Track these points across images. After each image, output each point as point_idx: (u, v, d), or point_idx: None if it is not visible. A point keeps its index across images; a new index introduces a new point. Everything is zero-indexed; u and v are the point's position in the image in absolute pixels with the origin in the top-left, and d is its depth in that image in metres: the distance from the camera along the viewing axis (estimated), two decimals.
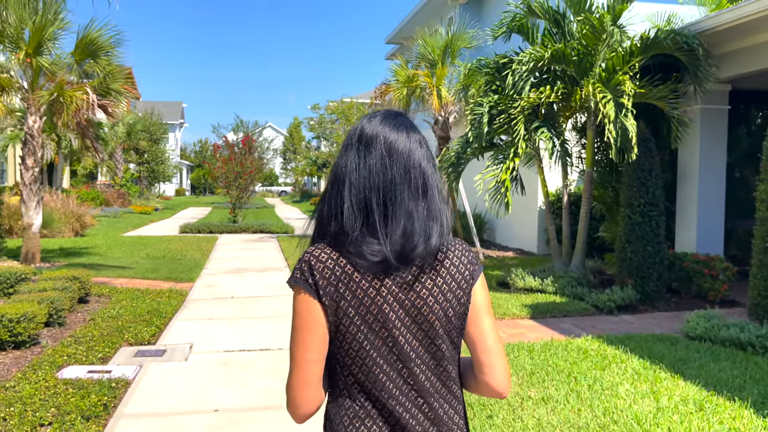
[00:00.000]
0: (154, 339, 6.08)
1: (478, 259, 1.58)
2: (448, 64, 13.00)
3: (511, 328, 6.57)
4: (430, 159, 1.42)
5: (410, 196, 1.36)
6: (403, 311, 1.35)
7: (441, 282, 1.37)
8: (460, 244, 1.44)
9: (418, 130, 1.46)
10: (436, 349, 1.37)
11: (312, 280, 1.35)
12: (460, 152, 8.80)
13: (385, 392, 1.34)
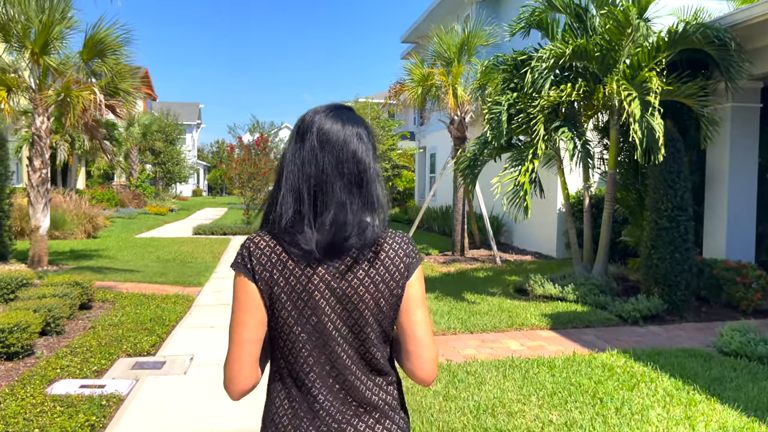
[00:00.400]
0: (154, 349, 5.81)
1: (417, 252, 1.56)
2: (464, 63, 12.64)
3: (530, 339, 6.20)
4: (368, 151, 1.44)
5: (343, 187, 1.40)
6: (334, 299, 1.39)
7: (374, 273, 1.40)
8: (399, 237, 1.46)
9: (363, 124, 1.47)
10: (365, 338, 1.41)
11: (249, 265, 1.41)
12: (477, 153, 8.44)
13: (312, 376, 1.40)
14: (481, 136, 8.53)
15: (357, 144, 1.44)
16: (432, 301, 7.96)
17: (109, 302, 7.90)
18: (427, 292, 8.60)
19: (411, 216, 21.88)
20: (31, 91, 9.99)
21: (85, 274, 9.88)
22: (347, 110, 1.50)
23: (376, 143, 1.50)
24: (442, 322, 6.77)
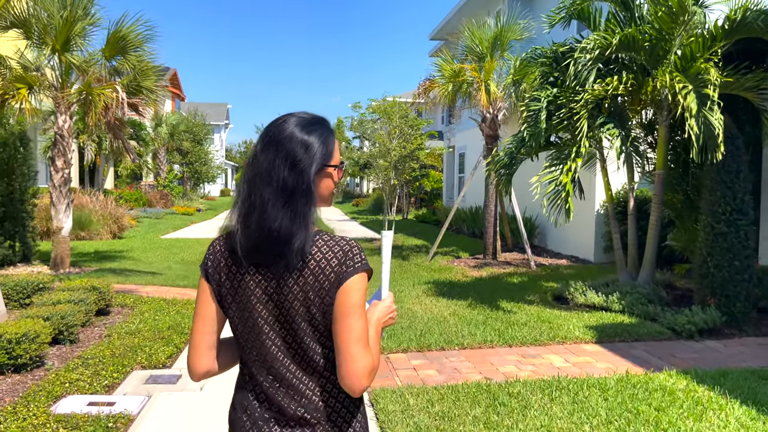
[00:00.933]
0: (171, 361, 5.45)
1: (358, 261, 1.45)
2: (497, 58, 12.11)
3: (575, 354, 5.69)
4: (310, 163, 1.46)
5: (271, 193, 1.43)
6: (271, 303, 1.47)
7: (303, 281, 1.44)
8: (334, 245, 1.47)
9: (320, 136, 1.50)
10: (300, 341, 1.48)
11: (205, 266, 1.56)
12: (513, 152, 7.93)
13: (255, 368, 1.53)
14: (517, 133, 8.02)
15: (298, 152, 1.46)
16: (465, 309, 7.48)
17: (128, 307, 7.59)
18: (459, 299, 8.12)
19: (439, 217, 21.38)
20: (54, 89, 9.78)
21: (106, 277, 9.64)
22: (312, 120, 1.53)
23: (329, 156, 1.51)
24: (478, 333, 6.29)
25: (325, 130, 1.53)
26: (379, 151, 16.18)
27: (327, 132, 1.53)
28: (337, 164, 1.56)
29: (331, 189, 1.57)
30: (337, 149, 1.57)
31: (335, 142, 1.56)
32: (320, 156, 1.49)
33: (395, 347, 5.81)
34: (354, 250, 1.48)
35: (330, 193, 1.57)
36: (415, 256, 12.87)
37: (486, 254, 12.33)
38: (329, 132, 1.54)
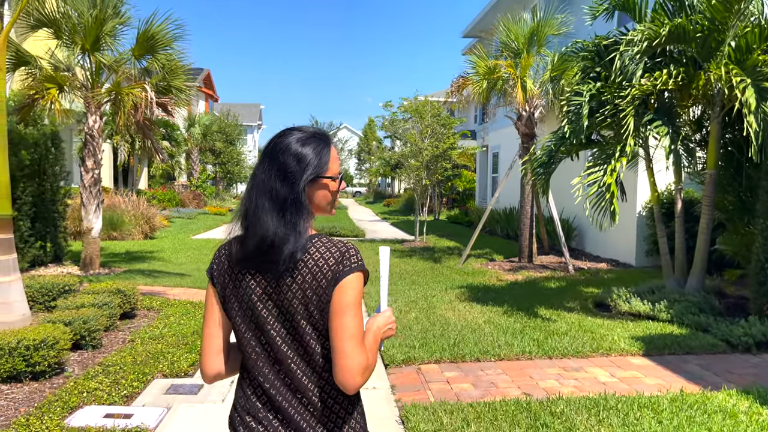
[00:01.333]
0: (193, 369, 5.23)
1: (354, 262, 1.53)
2: (534, 54, 11.69)
3: (621, 368, 5.29)
4: (291, 174, 1.55)
5: (269, 204, 1.54)
6: (271, 302, 1.56)
7: (301, 281, 1.52)
8: (332, 246, 1.55)
9: (315, 147, 1.59)
10: (300, 338, 1.55)
11: (211, 270, 1.66)
12: (552, 150, 7.53)
13: (256, 370, 1.60)
14: (557, 130, 7.62)
15: (290, 164, 1.55)
16: (501, 316, 7.12)
17: (154, 310, 7.44)
18: (495, 305, 7.77)
19: (471, 218, 20.96)
20: (84, 89, 9.73)
21: (134, 278, 9.55)
22: (309, 134, 1.61)
23: (322, 168, 1.59)
24: (515, 343, 5.92)
25: (320, 143, 1.61)
26: (411, 150, 15.86)
27: (322, 145, 1.61)
28: (331, 175, 1.62)
29: (328, 199, 1.64)
30: (334, 161, 1.64)
31: (330, 155, 1.62)
32: (313, 168, 1.57)
33: (427, 357, 5.50)
34: (351, 252, 1.55)
35: (327, 202, 1.64)
36: (447, 258, 12.52)
37: (521, 257, 11.91)
38: (324, 145, 1.61)
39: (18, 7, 6.08)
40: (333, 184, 1.64)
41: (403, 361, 5.43)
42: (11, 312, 6.07)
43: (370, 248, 14.22)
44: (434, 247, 14.68)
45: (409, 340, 6.04)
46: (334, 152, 1.66)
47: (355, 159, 54.44)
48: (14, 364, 4.53)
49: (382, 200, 40.00)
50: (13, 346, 4.54)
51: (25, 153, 9.34)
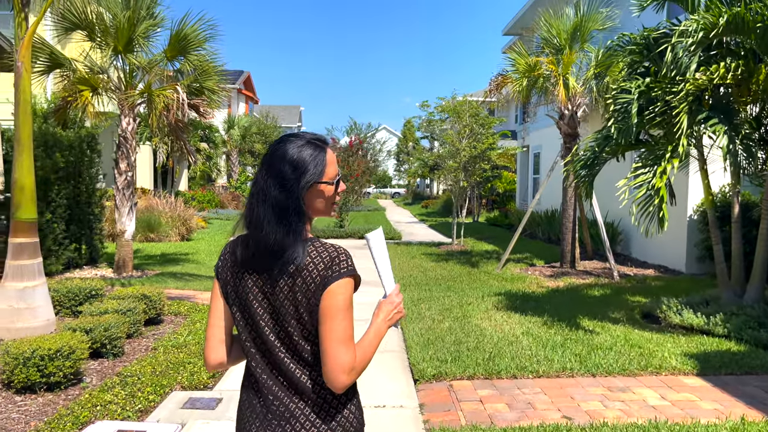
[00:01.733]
0: (213, 381, 5.01)
1: (345, 268, 1.58)
2: (577, 50, 11.17)
3: (673, 389, 4.83)
4: (288, 181, 1.62)
5: (268, 210, 1.61)
6: (266, 301, 1.64)
7: (292, 283, 1.59)
8: (323, 251, 1.61)
9: (307, 152, 1.65)
10: (290, 337, 1.63)
11: (217, 266, 1.76)
12: (596, 150, 7.06)
13: (254, 361, 1.69)
14: (601, 129, 7.15)
15: (286, 171, 1.62)
16: (540, 328, 6.70)
17: (181, 316, 7.28)
18: (534, 314, 7.35)
19: (511, 220, 20.41)
20: (118, 91, 9.69)
21: (166, 281, 9.46)
22: (305, 141, 1.67)
23: (319, 174, 1.65)
24: (555, 358, 5.51)
25: (316, 149, 1.66)
26: (448, 151, 15.47)
27: (317, 151, 1.66)
28: (327, 180, 1.67)
29: (325, 203, 1.70)
30: (330, 165, 1.68)
31: (326, 160, 1.67)
32: (309, 174, 1.63)
33: (460, 373, 5.14)
34: (341, 257, 1.61)
35: (324, 206, 1.70)
36: (485, 263, 12.10)
37: (563, 262, 11.40)
38: (319, 151, 1.66)
39: (42, 8, 5.98)
40: (329, 189, 1.69)
41: (433, 376, 5.09)
42: (36, 317, 5.99)
43: (406, 252, 13.88)
44: (472, 250, 14.26)
45: (441, 352, 5.69)
46: (331, 156, 1.70)
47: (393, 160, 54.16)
48: (28, 374, 4.38)
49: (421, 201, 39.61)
50: (28, 356, 4.39)
51: (60, 155, 9.35)
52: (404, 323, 6.92)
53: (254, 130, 30.91)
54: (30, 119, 5.99)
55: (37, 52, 8.99)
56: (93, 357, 5.38)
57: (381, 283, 1.79)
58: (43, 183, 9.16)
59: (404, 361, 5.61)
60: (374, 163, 44.82)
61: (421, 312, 7.48)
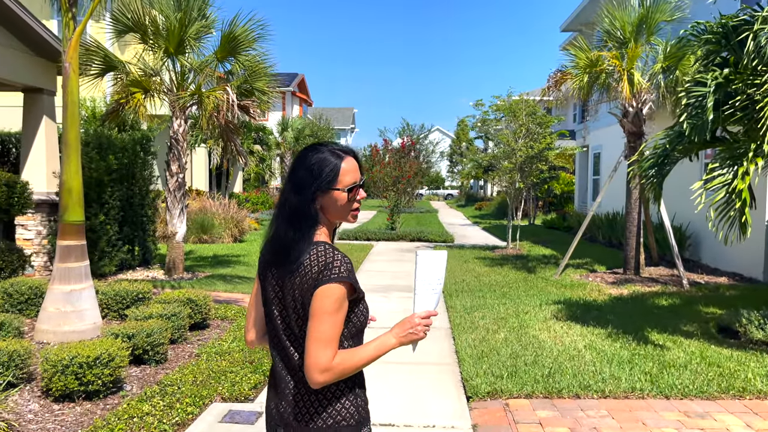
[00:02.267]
0: (255, 393, 4.78)
1: (337, 272, 1.69)
2: (643, 43, 10.52)
3: (760, 417, 4.29)
4: (303, 187, 1.78)
5: (281, 210, 1.82)
6: (276, 297, 1.82)
7: (296, 282, 1.74)
8: (321, 256, 1.73)
9: (324, 160, 1.79)
10: (292, 329, 1.79)
11: (259, 261, 1.92)
12: (667, 149, 6.51)
13: (270, 345, 1.88)
14: (672, 127, 6.59)
15: (304, 177, 1.79)
16: (604, 341, 6.21)
17: (227, 320, 7.14)
18: (597, 325, 6.85)
19: (570, 223, 19.66)
20: (170, 93, 9.69)
21: (215, 284, 9.39)
22: (326, 150, 1.82)
23: (333, 181, 1.78)
24: (623, 376, 5.04)
25: (333, 157, 1.80)
26: (503, 152, 14.96)
27: (334, 159, 1.79)
28: (341, 188, 1.78)
29: (343, 209, 1.81)
30: (346, 174, 1.79)
31: (342, 169, 1.79)
32: (321, 181, 1.77)
33: (517, 390, 4.75)
34: (335, 263, 1.71)
35: (343, 212, 1.81)
36: (542, 268, 11.56)
37: (627, 268, 10.76)
38: (337, 159, 1.79)
39: (90, 8, 5.93)
40: (342, 196, 1.79)
41: (488, 393, 4.72)
42: (83, 320, 5.93)
43: (459, 255, 13.47)
44: (528, 255, 13.71)
45: (497, 367, 5.30)
46: (348, 165, 1.80)
47: (446, 161, 53.62)
48: (66, 382, 4.25)
49: (474, 203, 38.95)
50: (66, 363, 4.27)
51: (113, 157, 9.40)
52: (456, 333, 6.55)
53: (307, 132, 31.01)
54: (77, 121, 5.94)
55: (92, 56, 9.06)
56: (135, 363, 5.26)
57: (414, 300, 1.83)
58: (96, 185, 9.23)
59: (456, 375, 5.25)
60: (427, 164, 44.43)
61: (475, 321, 7.09)
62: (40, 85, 9.28)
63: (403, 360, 5.64)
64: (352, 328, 1.78)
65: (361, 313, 1.80)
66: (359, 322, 1.80)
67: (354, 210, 1.83)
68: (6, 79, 8.74)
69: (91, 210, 9.12)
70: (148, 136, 10.94)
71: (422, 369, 5.42)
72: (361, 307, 1.80)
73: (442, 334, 6.62)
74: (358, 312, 1.79)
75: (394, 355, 2.27)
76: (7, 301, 6.50)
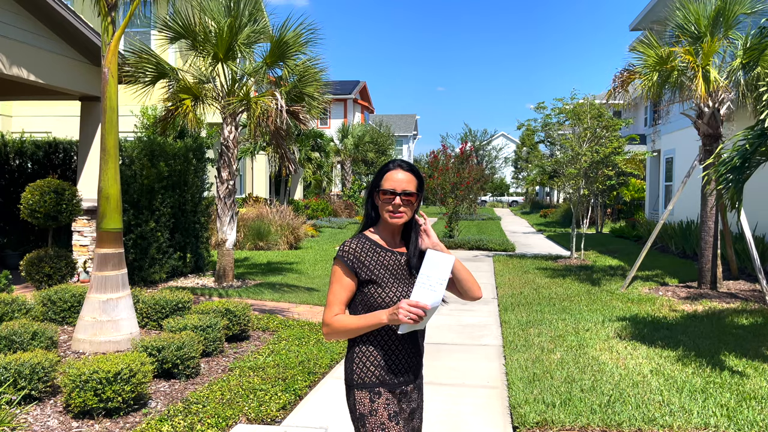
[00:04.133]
0: (282, 414, 4.47)
1: (337, 252, 2.25)
2: (720, 37, 9.68)
3: None
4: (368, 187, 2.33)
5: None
6: None
7: None
8: (346, 240, 2.32)
9: (379, 168, 2.32)
10: None
11: None
12: (748, 150, 5.81)
13: None
14: (754, 126, 5.88)
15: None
16: (674, 365, 5.57)
17: (269, 332, 6.90)
18: (666, 346, 6.20)
19: (639, 232, 18.57)
20: (219, 99, 9.64)
21: (262, 293, 9.22)
22: (387, 162, 2.33)
23: (376, 185, 2.27)
24: (695, 409, 4.43)
25: (383, 167, 2.29)
26: (567, 157, 14.22)
27: (382, 170, 2.28)
28: (378, 189, 2.25)
29: (382, 208, 2.24)
30: (386, 181, 2.23)
31: (385, 176, 2.24)
32: (372, 185, 2.29)
33: (570, 422, 4.23)
34: (342, 246, 2.24)
35: (382, 210, 2.25)
36: (607, 280, 10.81)
37: (702, 282, 9.88)
38: (383, 170, 2.28)
39: (129, 12, 5.84)
40: (379, 197, 2.24)
41: (536, 424, 4.23)
42: (118, 330, 5.81)
43: (518, 265, 12.84)
44: (593, 265, 12.92)
45: (549, 393, 4.79)
46: (392, 174, 2.23)
47: (511, 167, 52.48)
48: (85, 398, 4.07)
49: (539, 210, 37.79)
50: (86, 379, 4.09)
51: (163, 164, 9.42)
52: (508, 352, 6.05)
53: (367, 139, 30.95)
54: (115, 127, 5.85)
55: (144, 64, 9.11)
56: (165, 377, 5.07)
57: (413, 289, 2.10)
58: (147, 192, 9.26)
59: (504, 401, 4.78)
60: (490, 170, 43.51)
61: (529, 339, 6.56)
62: (96, 93, 9.40)
63: (443, 381, 5.22)
64: (366, 305, 2.21)
65: (371, 295, 2.20)
66: (369, 302, 2.20)
67: (389, 212, 2.21)
68: (64, 87, 8.90)
69: (142, 217, 9.15)
70: (201, 143, 10.96)
71: (466, 392, 4.98)
72: (371, 289, 2.20)
73: (492, 353, 6.14)
74: (367, 292, 2.20)
75: (434, 376, 2.39)
76: (51, 309, 6.48)
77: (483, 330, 7.18)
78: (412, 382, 2.28)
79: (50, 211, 7.57)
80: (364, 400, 2.18)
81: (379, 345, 2.21)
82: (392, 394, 2.21)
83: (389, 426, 2.14)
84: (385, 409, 2.16)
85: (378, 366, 2.20)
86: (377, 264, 2.21)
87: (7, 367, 4.23)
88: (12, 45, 7.69)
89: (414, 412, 2.30)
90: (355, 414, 2.20)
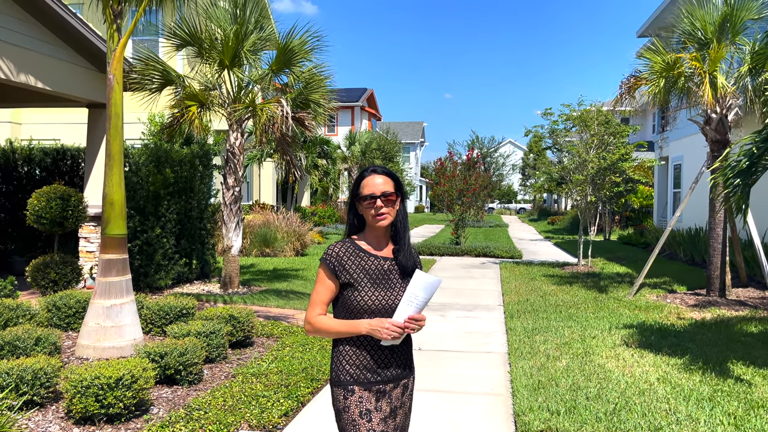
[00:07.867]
0: (284, 421, 4.44)
1: (322, 255, 2.36)
2: (727, 44, 9.62)
3: None
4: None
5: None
6: None
7: None
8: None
9: (359, 175, 2.43)
10: None
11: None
12: (755, 153, 5.75)
13: None
14: (761, 129, 5.83)
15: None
16: (681, 373, 5.50)
17: (273, 338, 6.88)
18: (673, 354, 6.13)
19: (648, 239, 18.45)
20: (225, 106, 9.67)
21: (268, 299, 9.21)
22: (365, 169, 2.42)
23: (355, 193, 2.39)
24: (702, 417, 4.37)
25: (359, 177, 2.36)
26: (574, 163, 14.16)
27: (359, 179, 2.35)
28: (358, 197, 2.34)
29: (367, 213, 2.32)
30: (363, 187, 2.32)
31: (363, 183, 2.33)
32: (352, 194, 2.38)
33: (574, 429, 4.18)
34: (327, 249, 2.36)
35: (366, 217, 2.34)
36: (614, 287, 10.73)
37: (710, 289, 9.79)
38: (360, 178, 2.35)
39: (134, 19, 5.86)
40: (361, 204, 2.33)
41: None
42: (122, 336, 5.81)
43: (525, 273, 12.77)
44: (601, 272, 12.83)
45: (554, 401, 4.74)
46: (368, 180, 2.33)
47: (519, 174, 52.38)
48: (87, 404, 4.06)
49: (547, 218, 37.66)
50: (87, 384, 4.08)
51: (169, 171, 9.44)
52: (513, 359, 6.00)
53: (374, 146, 30.98)
54: (121, 133, 5.87)
55: (151, 71, 9.15)
56: (168, 383, 5.06)
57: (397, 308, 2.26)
58: (153, 198, 9.28)
59: (508, 408, 4.73)
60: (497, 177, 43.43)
61: (534, 346, 6.50)
62: (102, 100, 9.45)
63: (447, 388, 5.17)
64: (345, 307, 2.31)
65: (348, 297, 2.29)
66: (347, 304, 2.30)
67: (373, 216, 2.30)
68: (71, 94, 8.96)
69: (148, 223, 9.16)
70: (207, 150, 10.99)
71: (470, 399, 4.93)
72: (349, 292, 2.29)
73: (497, 360, 6.09)
74: (346, 294, 2.30)
75: (438, 383, 2.27)
76: (55, 315, 6.49)
77: (488, 337, 7.12)
78: (393, 381, 2.33)
79: (56, 217, 7.60)
80: (339, 396, 2.29)
81: (355, 345, 2.30)
82: (368, 392, 2.28)
83: (360, 423, 2.23)
84: (357, 407, 2.25)
85: (353, 365, 2.29)
86: (358, 268, 2.30)
87: (10, 372, 4.23)
88: (18, 52, 7.75)
89: (396, 411, 2.35)
90: (334, 410, 2.33)
